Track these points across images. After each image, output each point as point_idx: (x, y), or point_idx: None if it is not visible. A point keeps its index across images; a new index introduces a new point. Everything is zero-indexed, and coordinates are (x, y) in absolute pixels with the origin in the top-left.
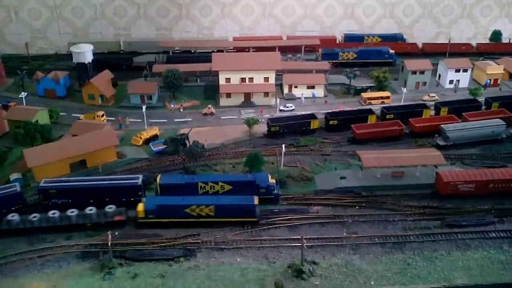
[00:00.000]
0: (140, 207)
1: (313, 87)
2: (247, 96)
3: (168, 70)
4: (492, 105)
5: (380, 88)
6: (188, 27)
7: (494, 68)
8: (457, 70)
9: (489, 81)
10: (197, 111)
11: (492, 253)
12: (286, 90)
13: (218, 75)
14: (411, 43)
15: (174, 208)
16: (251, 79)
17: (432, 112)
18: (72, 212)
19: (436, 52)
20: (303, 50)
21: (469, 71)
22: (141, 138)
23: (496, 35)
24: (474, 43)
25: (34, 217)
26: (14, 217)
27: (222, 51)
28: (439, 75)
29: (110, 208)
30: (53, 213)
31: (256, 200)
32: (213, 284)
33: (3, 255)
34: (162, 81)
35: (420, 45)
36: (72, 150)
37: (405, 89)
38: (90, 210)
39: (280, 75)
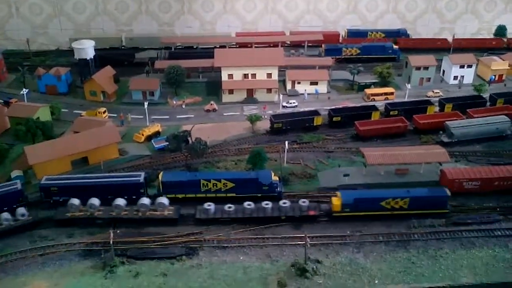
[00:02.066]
0: (336, 200)
1: (316, 83)
2: (250, 92)
3: (170, 66)
4: (497, 101)
5: (384, 84)
6: (190, 23)
7: (499, 64)
8: (462, 66)
9: (493, 77)
10: (200, 107)
11: (497, 251)
12: (289, 86)
13: (220, 71)
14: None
15: (371, 201)
16: (253, 75)
17: (437, 109)
18: (267, 205)
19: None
20: (306, 45)
21: (474, 67)
22: (143, 134)
23: (501, 30)
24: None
25: (229, 207)
26: (210, 206)
27: (224, 47)
28: (443, 71)
29: (304, 202)
30: (248, 204)
31: (448, 192)
32: (215, 283)
33: (4, 253)
34: (164, 77)
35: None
36: (73, 147)
37: (409, 85)
38: (284, 203)
39: (283, 71)
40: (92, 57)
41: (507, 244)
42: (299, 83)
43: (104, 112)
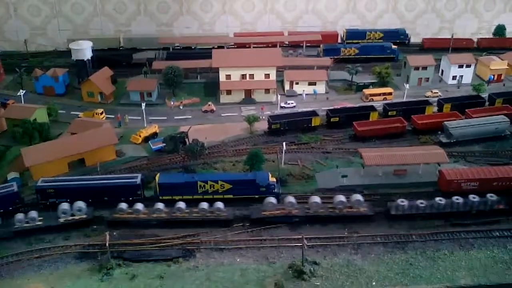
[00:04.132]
0: None
1: (314, 84)
2: (248, 93)
3: (168, 67)
4: (495, 101)
5: (382, 84)
6: (189, 23)
7: (497, 64)
8: (460, 66)
9: (492, 76)
10: (197, 108)
11: (496, 252)
12: (287, 87)
13: (218, 72)
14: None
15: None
16: (251, 76)
17: (435, 109)
18: (458, 200)
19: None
20: (304, 46)
21: (472, 67)
22: (140, 136)
23: (500, 30)
24: None
25: (421, 203)
26: (404, 202)
27: (222, 47)
28: (442, 71)
29: (492, 197)
30: (440, 200)
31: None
32: (212, 285)
33: (0, 256)
34: (162, 78)
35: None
36: (70, 149)
37: (407, 85)
38: (474, 198)
39: (281, 71)
40: (90, 58)
41: (505, 245)
42: (297, 83)
43: (102, 113)
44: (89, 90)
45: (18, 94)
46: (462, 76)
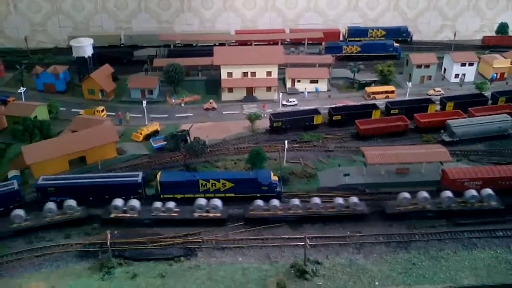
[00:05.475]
0: None
1: (316, 82)
2: (249, 90)
3: (169, 64)
4: (498, 99)
5: (385, 82)
6: (190, 20)
7: (500, 62)
8: (463, 64)
9: (495, 75)
10: (199, 106)
11: (499, 252)
12: (289, 85)
13: (220, 69)
14: None
15: None
16: (253, 73)
17: (438, 107)
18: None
19: None
20: (306, 43)
21: (475, 65)
22: (141, 134)
23: (502, 28)
24: None
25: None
26: None
27: (224, 44)
28: (445, 69)
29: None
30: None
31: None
32: (214, 285)
33: (0, 255)
34: (163, 75)
35: None
36: (71, 147)
37: (410, 83)
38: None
39: (283, 69)
40: (90, 55)
41: (509, 245)
42: (299, 81)
43: (103, 110)
44: (90, 87)
45: (19, 91)
46: (464, 74)
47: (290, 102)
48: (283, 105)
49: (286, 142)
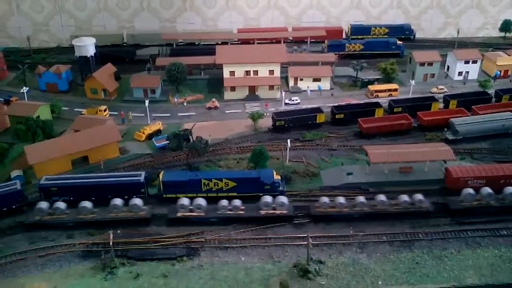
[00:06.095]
0: None
1: (319, 80)
2: (252, 89)
3: (172, 63)
4: (502, 97)
5: (388, 80)
6: (192, 19)
7: (504, 59)
8: (466, 62)
9: (499, 72)
10: (201, 105)
11: (503, 251)
12: (291, 83)
13: (222, 68)
14: None
15: None
16: (256, 72)
17: (441, 105)
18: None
19: None
20: (308, 41)
21: (479, 63)
22: (144, 133)
23: (506, 25)
24: None
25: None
26: None
27: (226, 43)
28: (448, 67)
29: None
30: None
31: None
32: (217, 284)
33: (3, 254)
34: (166, 74)
35: None
36: (74, 146)
37: (413, 81)
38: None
39: (285, 67)
40: (93, 54)
41: None
42: (301, 79)
43: (105, 110)
44: (92, 86)
45: (21, 91)
46: (468, 72)
47: (293, 100)
48: (286, 103)
49: (288, 141)
